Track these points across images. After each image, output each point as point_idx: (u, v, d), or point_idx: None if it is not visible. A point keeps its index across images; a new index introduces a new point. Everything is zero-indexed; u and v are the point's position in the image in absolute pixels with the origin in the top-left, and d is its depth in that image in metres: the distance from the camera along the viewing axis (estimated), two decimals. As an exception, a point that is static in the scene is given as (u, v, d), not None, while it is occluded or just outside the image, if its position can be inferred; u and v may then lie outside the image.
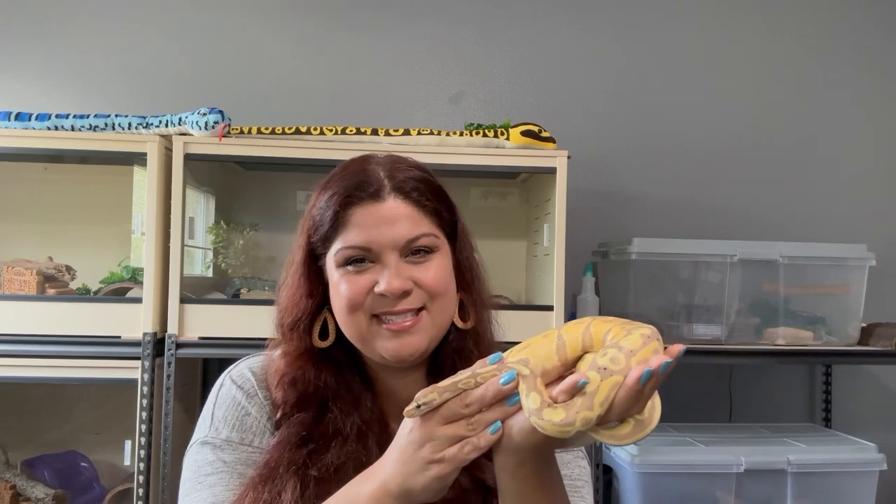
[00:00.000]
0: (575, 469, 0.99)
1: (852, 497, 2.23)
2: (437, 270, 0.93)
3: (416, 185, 0.94)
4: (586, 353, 0.76)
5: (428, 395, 0.76)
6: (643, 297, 2.30)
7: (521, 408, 0.73)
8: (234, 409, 0.96)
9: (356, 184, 0.93)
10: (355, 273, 0.92)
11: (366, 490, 0.79)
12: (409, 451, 0.76)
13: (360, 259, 0.92)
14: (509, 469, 0.77)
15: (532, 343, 0.78)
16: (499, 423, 0.74)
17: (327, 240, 0.94)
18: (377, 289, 0.90)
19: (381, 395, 0.98)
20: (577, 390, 0.69)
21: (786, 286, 2.36)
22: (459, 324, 0.97)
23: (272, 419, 0.96)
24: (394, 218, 0.91)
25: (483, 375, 0.75)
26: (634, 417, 0.71)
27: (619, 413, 0.69)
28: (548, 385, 0.74)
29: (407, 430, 0.77)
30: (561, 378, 0.75)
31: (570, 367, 0.77)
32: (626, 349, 0.68)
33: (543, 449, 0.77)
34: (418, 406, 0.75)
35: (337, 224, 0.92)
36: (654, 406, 0.73)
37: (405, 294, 0.91)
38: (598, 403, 0.67)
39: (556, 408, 0.69)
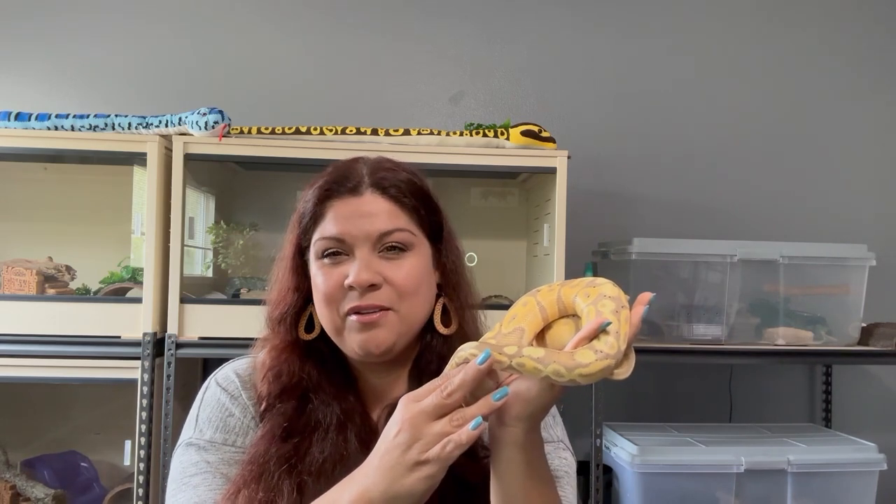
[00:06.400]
0: (555, 460, 0.99)
1: (852, 497, 2.23)
2: (410, 269, 0.93)
3: (396, 183, 0.96)
4: (562, 316, 0.84)
5: (469, 350, 0.78)
6: (643, 297, 2.29)
7: (503, 403, 0.75)
8: (218, 410, 0.98)
9: (337, 178, 0.96)
10: (331, 266, 0.94)
11: (344, 499, 0.76)
12: (395, 455, 0.74)
13: (335, 252, 0.94)
14: (519, 441, 0.78)
15: (518, 314, 0.83)
16: (480, 419, 0.73)
17: (308, 231, 0.97)
18: (346, 281, 0.91)
19: (363, 391, 0.99)
20: (600, 332, 0.74)
21: (786, 286, 2.35)
22: (442, 329, 0.98)
23: (256, 419, 0.97)
24: (369, 212, 0.94)
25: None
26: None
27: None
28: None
29: (393, 434, 0.75)
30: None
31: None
32: (615, 297, 0.77)
33: (547, 410, 0.79)
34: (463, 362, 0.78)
35: (316, 216, 0.96)
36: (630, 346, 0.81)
37: (373, 287, 0.91)
38: (623, 336, 0.74)
39: (585, 350, 0.73)
